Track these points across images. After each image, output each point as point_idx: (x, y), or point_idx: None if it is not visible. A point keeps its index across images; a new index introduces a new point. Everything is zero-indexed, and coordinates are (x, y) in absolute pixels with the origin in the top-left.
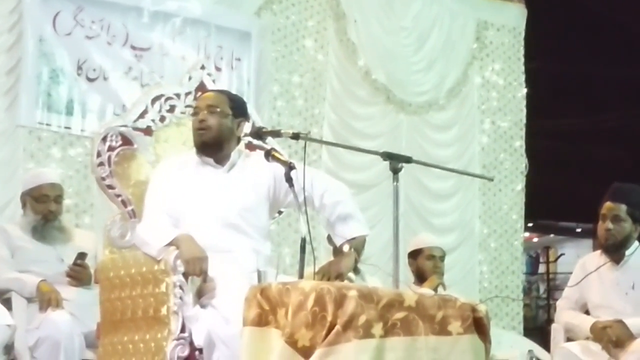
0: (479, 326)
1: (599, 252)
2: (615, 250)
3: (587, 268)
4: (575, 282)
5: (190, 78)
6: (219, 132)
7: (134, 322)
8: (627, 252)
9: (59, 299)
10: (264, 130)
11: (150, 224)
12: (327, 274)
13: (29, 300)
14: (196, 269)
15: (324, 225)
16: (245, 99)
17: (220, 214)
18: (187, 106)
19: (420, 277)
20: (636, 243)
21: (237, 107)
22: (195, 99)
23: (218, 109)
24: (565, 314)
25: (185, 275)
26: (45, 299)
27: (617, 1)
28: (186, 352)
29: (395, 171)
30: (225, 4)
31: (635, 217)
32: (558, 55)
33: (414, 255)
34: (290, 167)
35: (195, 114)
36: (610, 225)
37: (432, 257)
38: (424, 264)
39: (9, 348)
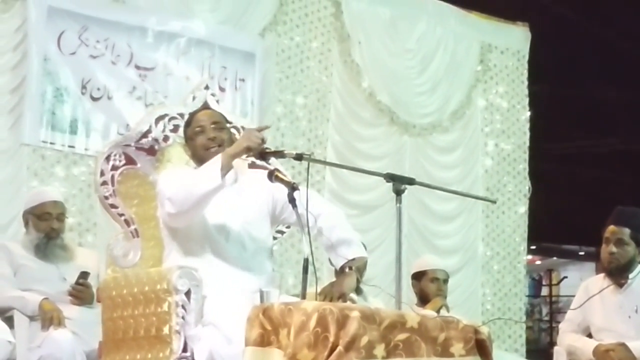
0: (481, 348)
1: (602, 275)
2: (618, 274)
3: (590, 291)
4: (578, 305)
5: (194, 98)
6: (229, 146)
7: (136, 341)
8: (631, 276)
9: (61, 318)
10: (267, 150)
11: (185, 177)
12: (330, 294)
13: (31, 318)
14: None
15: (323, 247)
16: (249, 119)
17: (224, 228)
18: None
19: (423, 299)
20: (639, 266)
21: (226, 119)
22: (188, 121)
23: (222, 125)
24: (567, 337)
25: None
26: (48, 318)
27: (621, 25)
28: None
29: (399, 193)
30: (229, 25)
31: (639, 240)
32: (562, 79)
33: (418, 277)
34: (293, 187)
35: (200, 132)
36: (613, 248)
37: (435, 279)
38: (428, 287)
39: None
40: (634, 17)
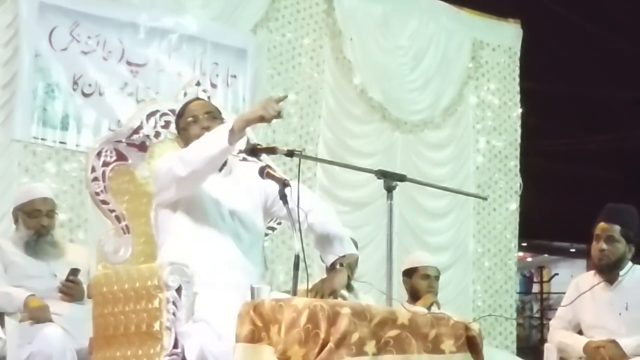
0: (472, 345)
1: (592, 272)
2: (609, 271)
3: (581, 288)
4: (569, 302)
5: (185, 94)
6: None
7: (126, 337)
8: (621, 273)
9: (47, 317)
10: (258, 147)
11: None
12: (320, 291)
13: (15, 316)
14: (274, 109)
15: (313, 244)
16: None
17: (217, 218)
18: None
19: (414, 296)
20: (630, 263)
21: (219, 110)
22: (180, 112)
23: (215, 114)
24: (558, 334)
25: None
26: (38, 316)
27: (612, 22)
28: None
29: (390, 189)
30: (221, 21)
31: (629, 237)
32: (553, 76)
33: (409, 273)
34: (284, 184)
35: (193, 122)
36: (604, 245)
37: (427, 276)
38: (419, 283)
39: None
40: (625, 14)
